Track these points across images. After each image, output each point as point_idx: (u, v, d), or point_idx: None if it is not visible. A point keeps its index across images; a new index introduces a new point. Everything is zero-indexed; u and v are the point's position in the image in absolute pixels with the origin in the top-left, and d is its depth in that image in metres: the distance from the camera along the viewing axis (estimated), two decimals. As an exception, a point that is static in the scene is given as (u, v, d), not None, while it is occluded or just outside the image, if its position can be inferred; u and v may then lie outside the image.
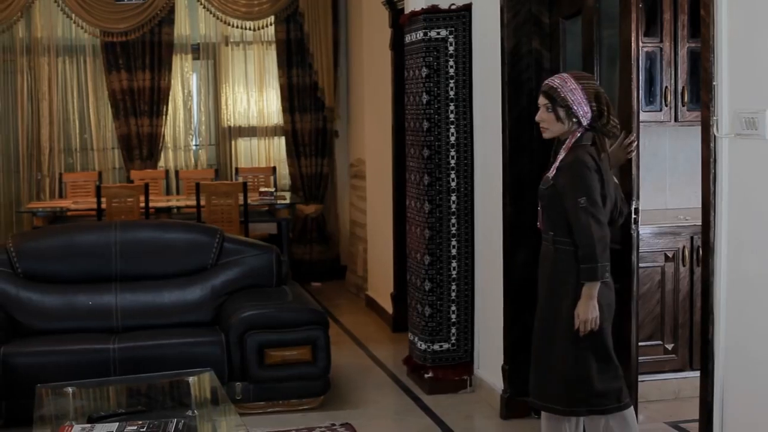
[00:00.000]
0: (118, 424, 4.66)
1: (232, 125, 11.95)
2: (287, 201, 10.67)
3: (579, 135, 4.85)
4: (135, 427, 4.60)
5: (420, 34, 6.98)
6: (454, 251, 7.04)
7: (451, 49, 6.95)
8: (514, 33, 6.36)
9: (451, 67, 6.96)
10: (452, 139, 6.99)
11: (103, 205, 9.60)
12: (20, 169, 11.54)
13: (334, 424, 6.42)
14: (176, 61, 11.68)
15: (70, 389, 5.19)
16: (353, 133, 11.55)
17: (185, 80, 11.87)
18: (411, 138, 7.29)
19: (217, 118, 12.02)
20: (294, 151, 11.75)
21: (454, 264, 7.05)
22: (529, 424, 6.36)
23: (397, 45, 8.49)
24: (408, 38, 7.31)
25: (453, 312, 7.09)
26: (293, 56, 11.66)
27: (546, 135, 4.96)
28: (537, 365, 5.07)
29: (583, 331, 4.78)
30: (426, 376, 7.14)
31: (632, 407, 5.05)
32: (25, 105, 11.48)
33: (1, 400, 6.35)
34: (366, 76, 10.43)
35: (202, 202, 9.71)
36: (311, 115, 11.71)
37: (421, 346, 7.19)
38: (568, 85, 4.84)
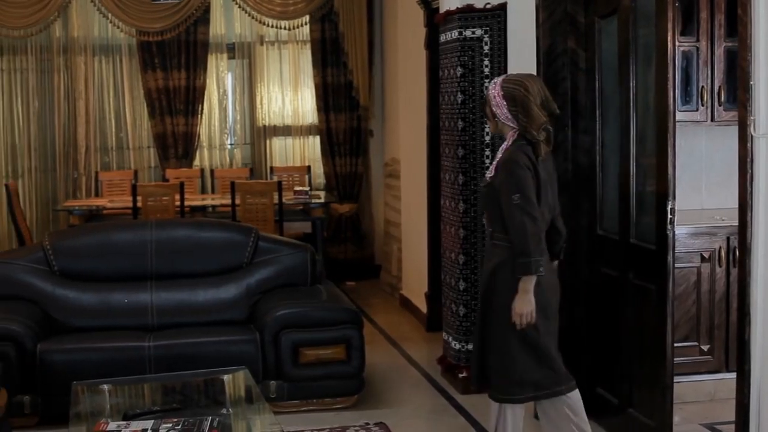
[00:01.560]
0: (153, 421, 4.68)
1: (267, 124, 11.98)
2: (322, 200, 10.67)
3: (515, 136, 5.05)
4: (170, 425, 4.62)
5: (455, 34, 6.98)
6: (488, 251, 7.03)
7: (486, 48, 6.94)
8: (550, 32, 6.34)
9: (486, 66, 6.95)
10: (487, 138, 6.97)
11: (139, 204, 9.65)
12: (57, 167, 11.62)
13: (368, 423, 6.42)
14: (211, 60, 11.72)
15: (105, 386, 5.22)
16: (388, 132, 11.54)
17: (220, 79, 11.90)
18: (446, 137, 7.29)
19: (252, 117, 12.05)
20: (329, 150, 11.75)
21: (488, 264, 7.03)
22: (563, 425, 6.34)
23: (432, 44, 8.49)
24: (443, 37, 7.30)
25: (487, 312, 7.07)
26: (328, 55, 11.66)
27: (491, 131, 5.30)
28: (477, 355, 5.27)
29: (520, 324, 4.95)
30: (460, 375, 7.13)
31: (577, 391, 5.23)
32: (62, 104, 11.56)
33: (38, 397, 6.40)
34: (401, 75, 10.42)
35: (237, 201, 9.74)
36: (346, 114, 11.72)
37: (455, 345, 7.18)
38: (495, 88, 5.07)
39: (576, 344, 6.40)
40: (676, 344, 5.56)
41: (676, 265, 5.68)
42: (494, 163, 5.10)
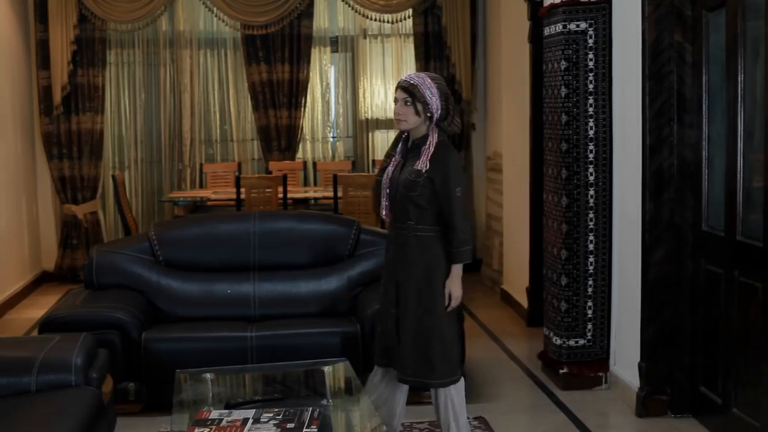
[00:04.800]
0: (254, 410, 4.72)
1: (369, 117, 12.02)
2: (423, 193, 10.65)
3: (437, 132, 5.28)
4: (271, 414, 4.65)
5: (559, 27, 6.92)
6: (591, 246, 6.97)
7: (590, 41, 6.87)
8: (656, 25, 6.26)
9: (591, 60, 6.88)
10: (591, 132, 6.91)
11: (242, 196, 9.74)
12: (162, 159, 11.80)
13: (467, 417, 6.40)
14: (315, 53, 11.79)
15: (208, 375, 5.27)
16: (490, 126, 11.50)
17: (323, 73, 11.97)
18: (549, 131, 7.24)
19: (355, 111, 12.11)
20: (431, 143, 11.71)
21: (591, 259, 6.98)
22: (666, 423, 6.28)
23: (536, 38, 8.43)
24: (547, 31, 7.25)
25: (589, 308, 7.02)
26: (431, 49, 11.65)
27: (402, 126, 5.33)
28: (417, 347, 5.33)
29: (454, 306, 5.33)
30: (561, 371, 7.08)
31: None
32: (168, 97, 11.74)
33: (142, 385, 6.50)
34: (503, 68, 10.37)
35: (339, 194, 9.78)
36: (448, 107, 11.67)
37: (556, 341, 7.14)
38: (426, 83, 5.24)
39: (679, 342, 6.33)
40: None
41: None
42: (424, 156, 5.23)
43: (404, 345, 5.35)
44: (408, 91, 5.24)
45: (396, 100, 5.30)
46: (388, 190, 5.39)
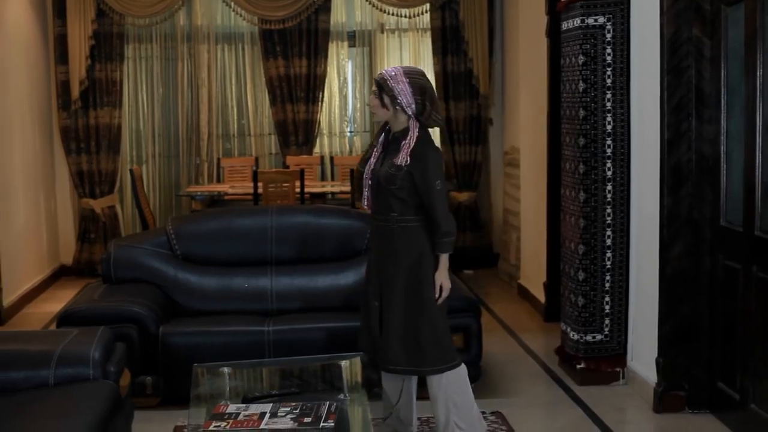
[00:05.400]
0: (271, 404, 4.73)
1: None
2: (440, 188, 10.66)
3: (418, 124, 5.38)
4: (288, 409, 4.67)
5: (577, 21, 6.90)
6: (609, 241, 6.96)
7: (608, 36, 6.85)
8: (674, 20, 6.24)
9: (609, 54, 6.86)
10: (609, 127, 6.89)
11: (260, 190, 9.76)
12: (180, 153, 11.84)
13: (484, 412, 6.39)
14: (332, 48, 11.80)
15: (225, 369, 5.27)
16: (508, 120, 11.49)
17: (341, 67, 11.98)
18: (566, 126, 7.22)
19: (372, 105, 12.08)
20: (448, 138, 11.72)
21: (608, 254, 6.96)
22: (683, 419, 6.26)
23: (553, 32, 8.41)
24: (564, 25, 7.23)
25: (607, 303, 7.01)
26: (448, 44, 11.63)
27: (375, 118, 5.57)
28: (408, 336, 5.40)
29: (444, 297, 5.42)
30: (578, 367, 7.08)
31: None
32: (185, 91, 11.77)
33: (160, 378, 6.52)
34: (521, 63, 10.36)
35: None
36: (466, 102, 11.68)
37: (573, 336, 7.13)
38: (396, 77, 5.37)
39: (696, 337, 6.32)
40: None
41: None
42: (405, 150, 5.33)
43: (391, 335, 5.40)
44: (378, 84, 5.42)
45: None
46: (370, 182, 5.49)
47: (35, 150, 10.76)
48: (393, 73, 5.39)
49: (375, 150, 5.54)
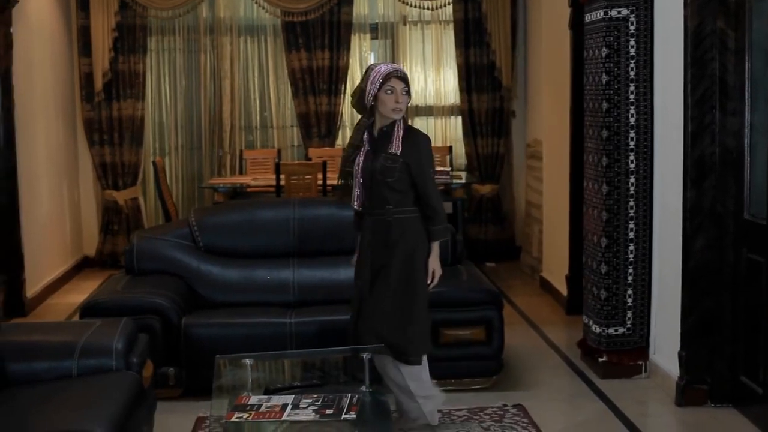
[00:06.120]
0: (293, 396, 4.74)
1: (409, 104, 11.96)
2: (463, 180, 10.67)
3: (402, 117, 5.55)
4: (310, 400, 4.67)
5: (600, 14, 6.88)
6: (631, 234, 6.94)
7: (632, 28, 6.82)
8: (698, 12, 6.21)
9: (632, 46, 6.83)
10: (632, 120, 6.87)
11: (282, 182, 9.76)
12: (202, 145, 11.85)
13: (505, 405, 6.40)
14: (355, 40, 11.78)
15: (247, 361, 5.28)
16: (530, 113, 11.46)
17: (363, 59, 11.95)
18: (589, 119, 7.20)
19: (395, 98, 12.06)
20: (470, 130, 11.71)
21: (631, 247, 6.94)
22: (705, 412, 6.24)
23: (576, 24, 8.38)
24: (588, 17, 7.21)
25: (629, 296, 6.99)
26: (471, 36, 11.61)
27: (398, 116, 5.52)
28: (398, 324, 5.49)
29: (436, 283, 5.57)
30: (600, 360, 7.06)
31: None
32: (208, 83, 11.77)
33: (182, 369, 6.55)
34: (544, 55, 10.33)
35: (378, 181, 9.75)
36: (488, 94, 11.65)
37: (595, 329, 7.11)
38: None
39: (719, 331, 6.29)
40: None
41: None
42: (395, 139, 5.46)
43: (381, 320, 5.49)
44: (406, 81, 5.53)
45: (390, 91, 5.49)
46: (361, 180, 5.53)
47: (59, 142, 10.80)
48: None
49: (362, 149, 5.56)
